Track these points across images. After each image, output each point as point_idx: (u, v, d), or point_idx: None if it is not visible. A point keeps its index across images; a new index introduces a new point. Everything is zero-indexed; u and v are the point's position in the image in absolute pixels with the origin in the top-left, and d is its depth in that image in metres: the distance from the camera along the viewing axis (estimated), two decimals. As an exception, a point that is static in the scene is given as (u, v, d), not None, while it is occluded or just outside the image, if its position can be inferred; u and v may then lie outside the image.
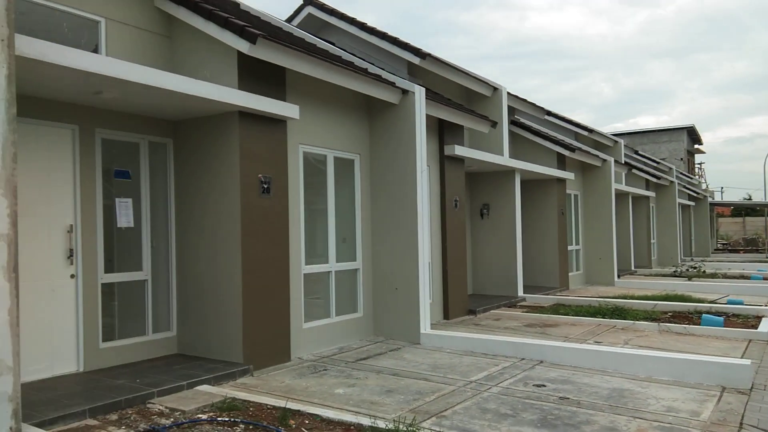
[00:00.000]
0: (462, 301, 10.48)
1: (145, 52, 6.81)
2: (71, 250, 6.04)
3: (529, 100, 14.34)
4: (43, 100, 5.81)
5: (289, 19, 11.51)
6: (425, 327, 8.34)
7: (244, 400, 5.37)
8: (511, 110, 14.01)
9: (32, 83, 5.32)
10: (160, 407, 5.22)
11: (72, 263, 6.06)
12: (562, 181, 14.55)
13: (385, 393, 5.72)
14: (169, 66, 7.03)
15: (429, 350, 7.80)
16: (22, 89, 5.35)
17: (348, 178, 8.60)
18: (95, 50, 6.38)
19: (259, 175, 6.77)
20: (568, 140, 16.34)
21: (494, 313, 10.82)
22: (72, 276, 6.07)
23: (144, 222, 6.83)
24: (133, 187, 6.73)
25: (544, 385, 5.97)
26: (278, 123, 7.04)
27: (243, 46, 6.29)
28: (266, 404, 5.28)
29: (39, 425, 4.63)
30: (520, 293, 12.46)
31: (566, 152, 14.20)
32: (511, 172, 12.58)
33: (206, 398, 5.46)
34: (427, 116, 9.08)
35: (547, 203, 14.33)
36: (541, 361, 7.01)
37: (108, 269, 6.43)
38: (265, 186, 6.84)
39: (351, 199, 8.63)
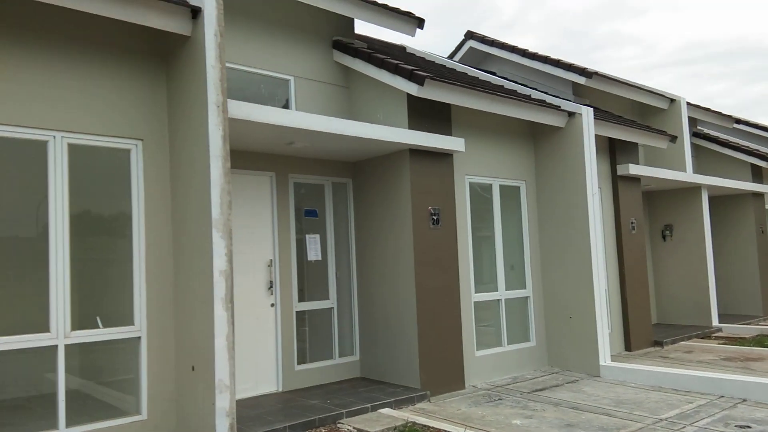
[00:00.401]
0: (645, 332, 9.76)
1: (328, 103, 7.57)
2: (271, 282, 6.86)
3: (713, 108, 13.06)
4: (246, 153, 6.75)
5: (452, 55, 11.91)
6: (605, 359, 7.94)
7: (424, 425, 5.60)
8: (693, 121, 12.87)
9: (238, 139, 6.22)
10: (349, 427, 5.66)
11: (272, 293, 6.87)
12: (759, 195, 12.92)
13: (565, 427, 5.58)
14: (347, 112, 7.73)
15: (610, 383, 7.40)
16: (231, 145, 6.28)
17: (514, 205, 8.60)
18: (286, 105, 7.26)
19: (429, 207, 7.10)
20: (764, 149, 14.49)
21: (684, 345, 9.88)
22: (272, 305, 6.87)
23: (330, 255, 7.51)
24: (319, 223, 7.47)
25: (748, 427, 5.36)
26: (445, 156, 7.34)
27: (412, 88, 6.72)
28: (445, 430, 5.45)
29: (251, 437, 5.30)
30: (715, 323, 11.22)
31: (763, 163, 12.62)
32: (696, 188, 11.51)
33: (389, 421, 5.79)
34: (597, 136, 8.78)
35: (743, 221, 12.80)
36: (744, 400, 6.29)
37: (300, 298, 7.17)
38: (435, 217, 7.13)
39: (518, 225, 8.60)
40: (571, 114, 8.39)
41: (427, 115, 7.21)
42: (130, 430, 5.10)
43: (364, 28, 12.80)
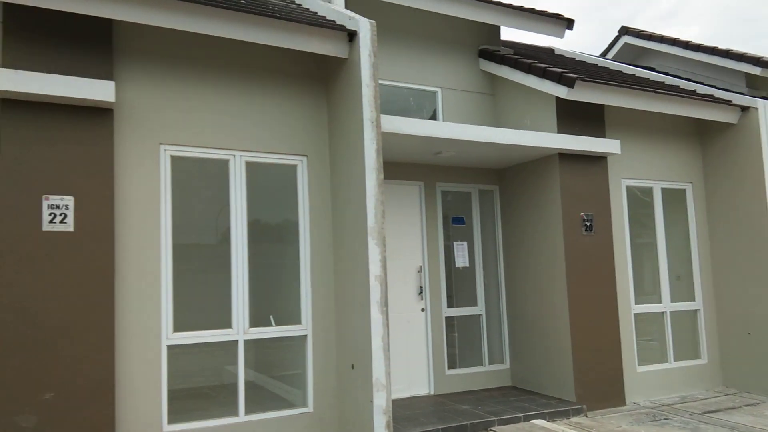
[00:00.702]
0: None
1: (474, 111, 7.66)
2: (421, 288, 7.08)
3: None
4: (396, 164, 7.05)
5: (604, 53, 11.36)
6: (793, 381, 7.03)
7: (581, 439, 5.42)
8: None
9: (389, 151, 6.54)
10: (501, 435, 5.66)
11: (422, 299, 7.08)
12: None
13: (745, 453, 5.06)
14: (493, 119, 7.75)
15: (801, 410, 6.54)
16: (383, 156, 6.62)
17: (679, 209, 7.96)
18: (434, 115, 7.47)
19: (581, 213, 6.85)
20: None
21: None
22: (422, 310, 7.08)
23: (477, 262, 7.56)
24: (466, 231, 7.55)
25: None
26: (598, 159, 7.04)
27: (561, 91, 6.56)
28: (604, 446, 5.22)
29: (405, 436, 5.51)
30: None
31: None
32: None
33: (542, 432, 5.68)
34: (778, 132, 7.84)
35: None
36: None
37: (449, 304, 7.30)
38: (588, 223, 6.87)
39: (684, 232, 7.94)
40: (744, 109, 7.60)
41: (577, 117, 6.99)
42: (298, 420, 5.57)
43: (510, 33, 12.66)
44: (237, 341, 5.45)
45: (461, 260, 7.43)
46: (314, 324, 5.74)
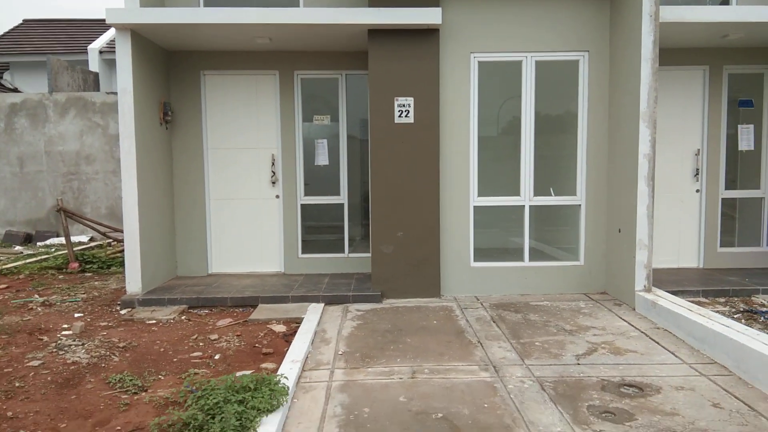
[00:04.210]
0: None
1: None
2: (697, 170, 7.52)
3: None
4: (676, 50, 7.33)
5: None
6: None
7: None
8: None
9: (669, 39, 6.89)
10: (763, 301, 6.21)
11: (697, 180, 7.54)
12: None
13: None
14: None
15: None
16: (662, 44, 7.01)
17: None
18: (725, 1, 7.36)
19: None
20: None
21: None
22: (697, 191, 7.57)
23: (765, 144, 7.52)
24: (755, 114, 7.51)
25: None
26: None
27: None
28: None
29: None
30: None
31: None
32: None
33: (811, 307, 6.02)
34: None
35: None
36: None
37: (731, 187, 7.58)
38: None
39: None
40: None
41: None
42: (571, 270, 6.99)
43: None
44: (524, 206, 7.00)
45: (745, 143, 7.51)
46: (587, 196, 6.92)
